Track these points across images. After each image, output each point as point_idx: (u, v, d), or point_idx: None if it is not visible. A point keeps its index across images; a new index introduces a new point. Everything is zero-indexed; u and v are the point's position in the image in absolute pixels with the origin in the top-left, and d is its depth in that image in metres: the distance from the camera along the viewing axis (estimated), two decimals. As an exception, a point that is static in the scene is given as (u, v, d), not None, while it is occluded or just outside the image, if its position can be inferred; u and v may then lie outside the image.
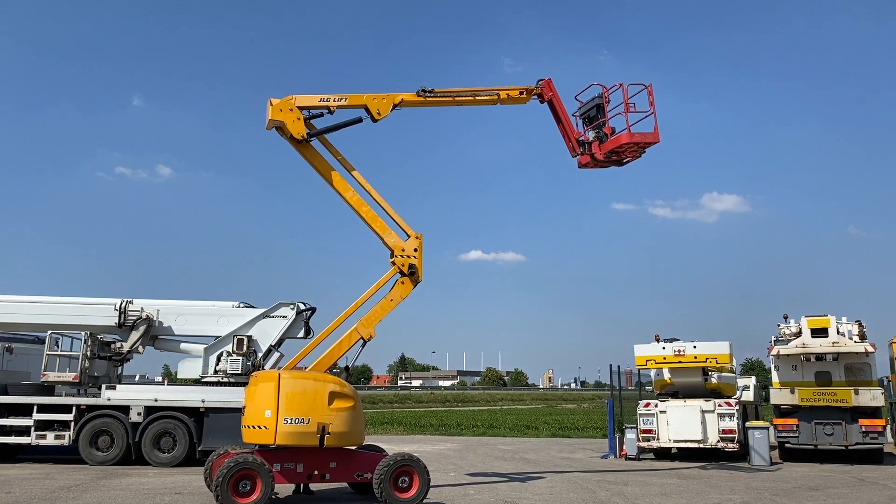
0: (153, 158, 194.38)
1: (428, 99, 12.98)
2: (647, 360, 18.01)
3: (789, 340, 17.92)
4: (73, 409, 15.11)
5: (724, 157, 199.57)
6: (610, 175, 14.27)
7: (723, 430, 16.90)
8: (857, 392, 16.64)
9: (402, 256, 12.01)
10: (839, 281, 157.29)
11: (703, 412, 17.14)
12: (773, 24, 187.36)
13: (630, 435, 17.98)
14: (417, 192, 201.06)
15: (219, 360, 15.95)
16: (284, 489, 11.01)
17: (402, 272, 11.94)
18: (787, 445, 17.26)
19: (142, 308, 16.33)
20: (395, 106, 12.76)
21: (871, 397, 16.63)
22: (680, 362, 17.62)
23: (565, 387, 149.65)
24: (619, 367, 21.22)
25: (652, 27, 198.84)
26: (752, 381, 22.42)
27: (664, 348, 17.76)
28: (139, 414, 15.07)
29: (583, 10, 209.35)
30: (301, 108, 12.14)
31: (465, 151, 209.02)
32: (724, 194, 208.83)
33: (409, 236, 12.19)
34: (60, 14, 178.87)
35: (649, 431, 17.52)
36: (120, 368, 17.13)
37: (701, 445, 17.11)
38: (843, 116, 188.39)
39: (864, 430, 16.45)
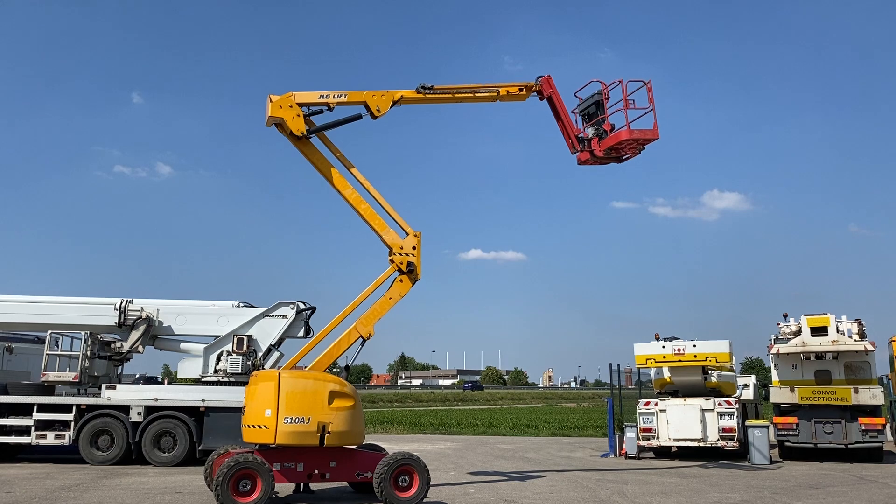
0: (152, 157, 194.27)
1: (427, 96, 12.98)
2: (646, 359, 18.01)
3: (789, 339, 17.93)
4: (74, 408, 15.12)
5: (724, 154, 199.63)
6: (610, 173, 14.28)
7: (722, 429, 16.91)
8: (856, 390, 16.65)
9: (400, 254, 12.01)
10: (839, 279, 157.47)
11: (703, 411, 17.15)
12: (774, 22, 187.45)
13: (630, 434, 17.99)
14: (417, 190, 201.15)
15: (219, 359, 15.95)
16: (284, 488, 11.02)
17: (400, 270, 11.95)
18: (786, 444, 17.27)
19: (142, 308, 16.34)
20: (394, 103, 12.76)
21: (871, 396, 16.64)
22: (680, 361, 17.63)
23: (565, 385, 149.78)
24: (618, 365, 21.23)
25: (653, 25, 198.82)
26: (751, 379, 22.46)
27: (664, 347, 17.77)
28: (139, 413, 15.08)
29: (583, 8, 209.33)
30: (300, 105, 12.16)
31: (465, 150, 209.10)
32: (725, 192, 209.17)
33: (407, 234, 12.20)
34: (59, 10, 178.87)
35: (649, 430, 17.53)
36: (120, 368, 17.14)
37: (701, 444, 17.13)
38: (844, 114, 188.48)
39: (863, 428, 16.46)
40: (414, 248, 12.10)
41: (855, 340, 17.26)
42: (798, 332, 17.79)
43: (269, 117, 12.03)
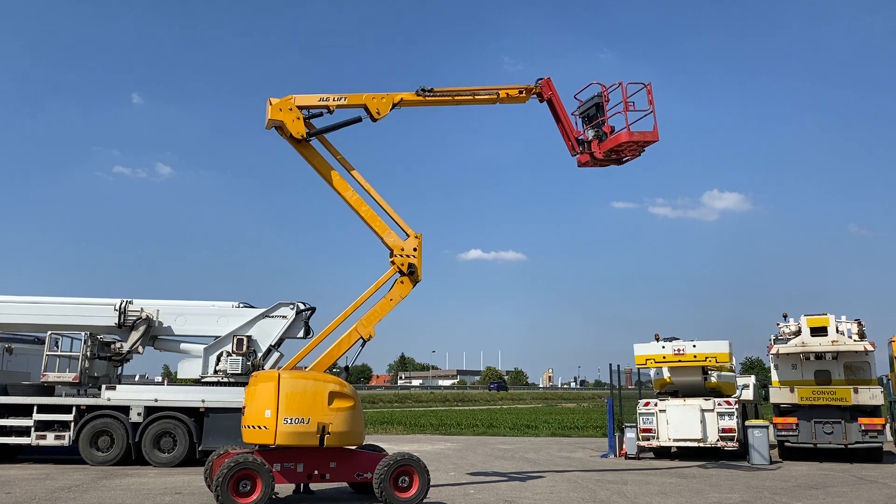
0: (152, 157, 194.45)
1: (427, 98, 12.99)
2: (646, 360, 18.01)
3: (789, 339, 17.92)
4: (73, 409, 15.11)
5: (724, 154, 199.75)
6: (610, 173, 14.28)
7: (722, 429, 16.91)
8: (856, 391, 16.65)
9: (401, 256, 12.02)
10: (839, 279, 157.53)
11: (703, 411, 17.15)
12: (773, 22, 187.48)
13: (630, 434, 17.99)
14: (416, 190, 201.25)
15: (219, 360, 15.95)
16: (284, 489, 11.02)
17: (401, 272, 11.96)
18: (786, 444, 17.26)
19: (141, 308, 16.33)
20: (394, 105, 12.77)
21: (871, 396, 16.64)
22: (679, 361, 17.63)
23: (565, 386, 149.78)
24: (618, 366, 21.24)
25: (652, 25, 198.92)
26: (751, 379, 22.46)
27: (664, 347, 17.77)
28: (139, 414, 15.08)
29: (583, 8, 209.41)
30: (300, 108, 12.14)
31: (465, 150, 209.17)
32: (725, 192, 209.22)
33: (408, 236, 12.20)
34: (59, 11, 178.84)
35: (649, 430, 17.53)
36: (120, 369, 17.14)
37: (700, 444, 17.13)
38: (844, 114, 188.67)
39: (863, 428, 16.46)
40: (415, 249, 12.10)
41: (854, 340, 17.26)
42: (798, 333, 17.78)
43: (268, 120, 12.02)
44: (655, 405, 17.63)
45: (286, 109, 12.00)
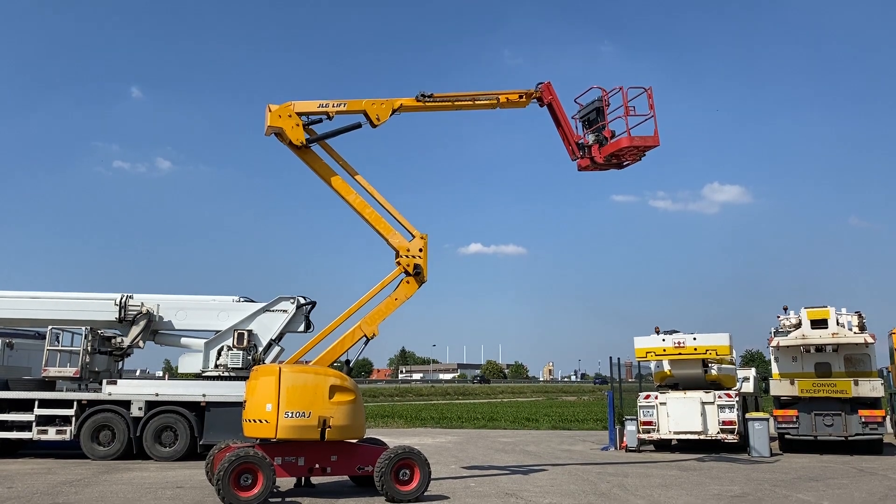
0: (152, 152, 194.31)
1: (427, 104, 12.93)
2: (647, 352, 18.03)
3: (789, 332, 17.92)
4: (75, 404, 15.15)
5: (725, 147, 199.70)
6: (610, 168, 14.13)
7: (723, 422, 16.94)
8: (856, 383, 16.65)
9: (407, 257, 11.98)
10: (839, 272, 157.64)
11: (703, 404, 17.17)
12: (775, 14, 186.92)
13: (630, 427, 18.02)
14: (417, 185, 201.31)
15: (219, 354, 15.97)
16: (286, 482, 11.04)
17: (407, 272, 11.93)
18: (786, 436, 17.30)
19: (142, 303, 16.34)
20: (394, 111, 12.70)
21: (871, 388, 16.65)
22: (680, 354, 17.63)
23: (565, 379, 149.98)
24: (619, 359, 21.26)
25: (653, 18, 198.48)
26: (751, 372, 22.50)
27: (664, 340, 17.77)
28: (140, 409, 15.11)
29: (584, 0, 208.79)
30: (300, 114, 12.03)
31: (465, 144, 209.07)
32: (726, 185, 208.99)
33: (413, 236, 12.16)
34: (58, 5, 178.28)
35: (649, 423, 17.55)
36: (120, 363, 17.16)
37: (701, 437, 17.15)
38: (845, 106, 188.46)
39: (863, 420, 16.48)
40: (420, 250, 12.05)
41: (855, 333, 17.24)
42: (798, 325, 17.77)
43: (268, 127, 11.90)
44: (656, 398, 17.65)
45: (285, 116, 11.89)
